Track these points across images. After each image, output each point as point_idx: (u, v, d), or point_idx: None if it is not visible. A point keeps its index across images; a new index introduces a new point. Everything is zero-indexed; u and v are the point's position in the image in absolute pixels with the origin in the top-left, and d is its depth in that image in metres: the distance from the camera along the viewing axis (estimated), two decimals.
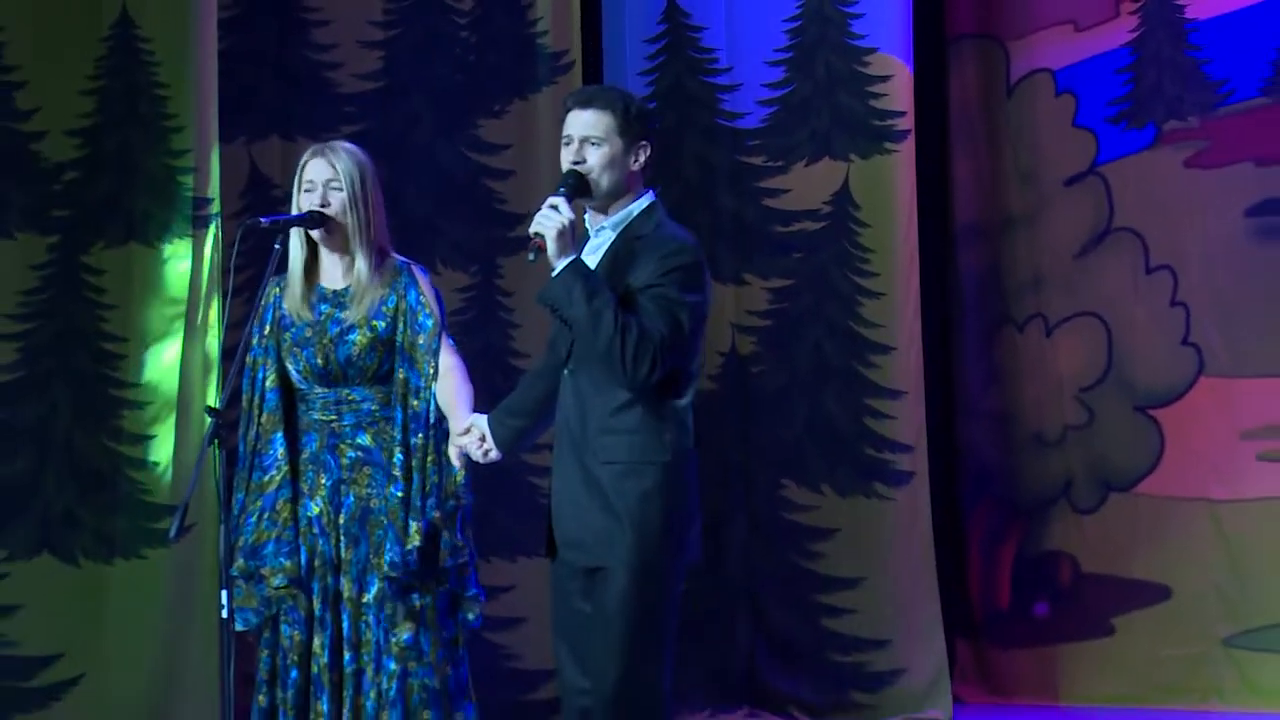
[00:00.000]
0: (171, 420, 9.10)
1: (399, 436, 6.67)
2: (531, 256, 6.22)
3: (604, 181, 6.30)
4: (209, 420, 6.62)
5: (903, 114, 11.06)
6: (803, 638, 10.98)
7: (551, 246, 6.16)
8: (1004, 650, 11.74)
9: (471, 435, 6.49)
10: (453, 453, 6.61)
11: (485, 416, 6.52)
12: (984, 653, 11.77)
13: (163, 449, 9.15)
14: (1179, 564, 11.25)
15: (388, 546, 6.60)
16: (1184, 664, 11.17)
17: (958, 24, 11.94)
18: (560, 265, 6.16)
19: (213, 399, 8.82)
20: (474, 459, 6.56)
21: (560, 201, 6.18)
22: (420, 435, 6.65)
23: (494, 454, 6.50)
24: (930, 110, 11.56)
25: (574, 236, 6.22)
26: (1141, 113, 11.46)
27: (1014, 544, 11.79)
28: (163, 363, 9.18)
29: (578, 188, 6.25)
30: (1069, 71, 11.67)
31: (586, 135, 6.31)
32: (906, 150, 11.06)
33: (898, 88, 11.07)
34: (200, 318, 9.18)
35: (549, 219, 6.16)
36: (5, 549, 9.06)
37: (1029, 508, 11.73)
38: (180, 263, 9.20)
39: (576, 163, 6.29)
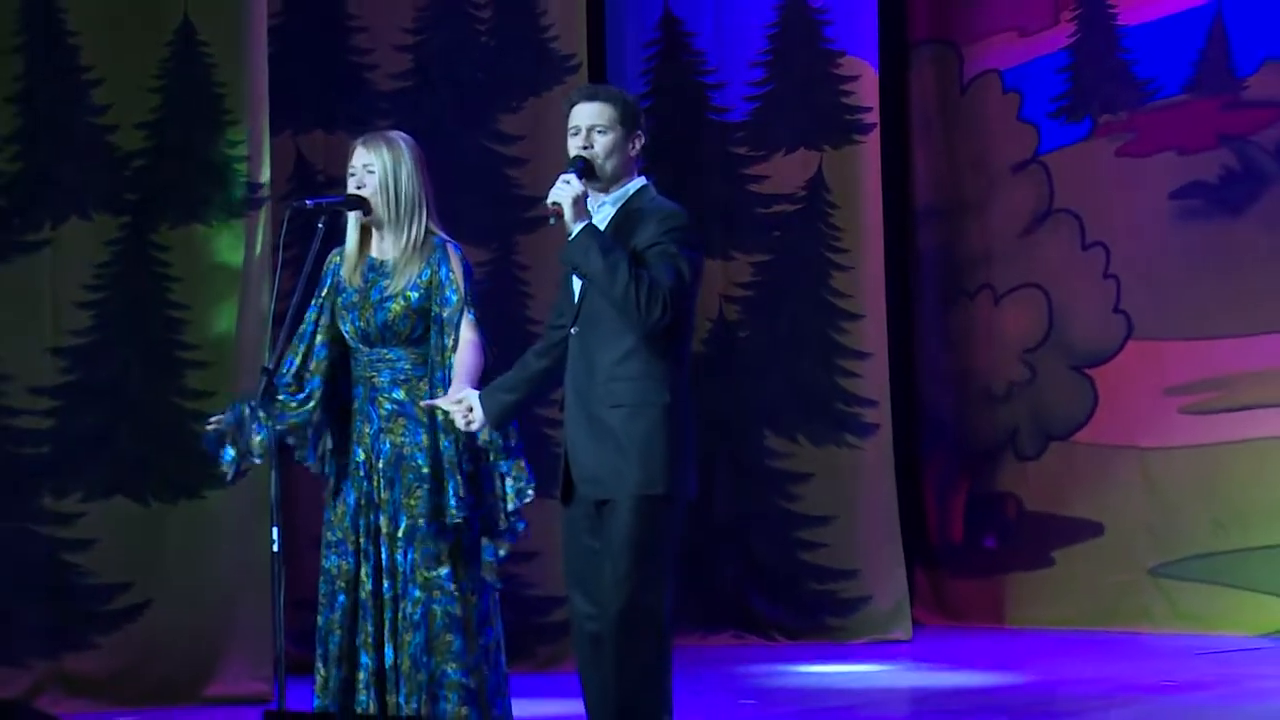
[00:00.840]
0: (228, 378, 9.08)
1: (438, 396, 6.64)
2: (552, 220, 6.23)
3: (609, 165, 6.29)
4: (262, 377, 6.63)
5: (869, 109, 11.08)
6: (782, 569, 11.00)
7: (568, 212, 6.17)
8: (958, 579, 11.77)
9: (460, 406, 6.45)
10: (424, 404, 6.57)
11: (477, 392, 6.47)
12: (940, 581, 11.79)
13: (221, 403, 9.13)
14: (1111, 504, 11.28)
15: (450, 491, 6.57)
16: (1116, 591, 11.19)
17: (917, 30, 11.95)
18: (576, 229, 6.16)
19: (265, 359, 8.79)
20: (459, 427, 6.50)
21: (572, 176, 6.19)
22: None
23: (475, 425, 6.45)
24: (893, 106, 11.58)
25: (585, 205, 6.21)
26: (1078, 108, 11.47)
27: (966, 486, 11.81)
28: (220, 328, 9.17)
29: (585, 170, 6.24)
30: (1015, 72, 11.67)
31: (593, 124, 6.30)
32: (872, 141, 11.09)
33: (864, 86, 11.09)
34: (253, 288, 9.16)
35: (564, 190, 6.17)
36: (83, 491, 9.05)
37: (979, 454, 11.75)
38: (235, 240, 9.18)
39: (585, 147, 6.28)
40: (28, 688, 8.82)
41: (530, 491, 6.62)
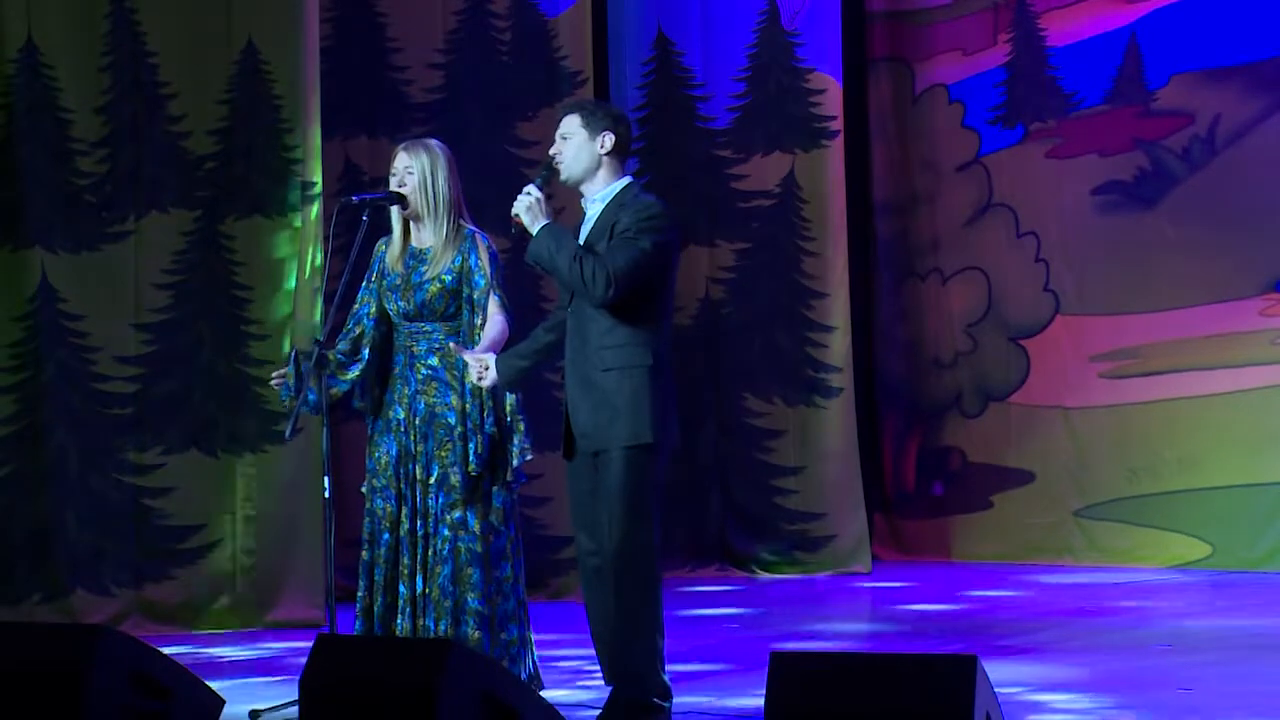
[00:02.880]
0: (286, 348, 9.09)
1: (462, 367, 6.66)
2: (514, 230, 6.28)
3: (577, 165, 6.35)
4: (314, 347, 6.65)
5: (834, 118, 11.06)
6: (759, 511, 11.01)
7: (525, 218, 6.24)
8: (910, 520, 11.78)
9: (478, 364, 6.48)
10: (453, 346, 6.59)
11: (495, 355, 6.50)
12: (895, 522, 11.80)
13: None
14: (1041, 455, 11.28)
15: (471, 448, 6.61)
16: (1044, 530, 11.20)
17: (875, 50, 11.92)
18: (537, 229, 6.20)
19: (317, 332, 8.81)
20: (473, 380, 6.52)
21: (532, 187, 6.25)
22: None
23: (486, 382, 6.47)
24: (855, 115, 11.55)
25: (544, 209, 6.24)
26: (1013, 116, 11.45)
27: (917, 441, 11.81)
28: (278, 306, 9.17)
29: (549, 177, 6.31)
30: (959, 85, 11.65)
31: (561, 133, 6.39)
32: (837, 145, 11.07)
33: (830, 98, 11.08)
34: (307, 272, 9.16)
35: (520, 202, 6.25)
36: (163, 445, 9.06)
37: (929, 413, 11.75)
38: (291, 231, 9.18)
39: (554, 153, 6.34)
40: (114, 614, 8.85)
41: (529, 454, 6.66)
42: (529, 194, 6.23)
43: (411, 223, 6.78)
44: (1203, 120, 10.79)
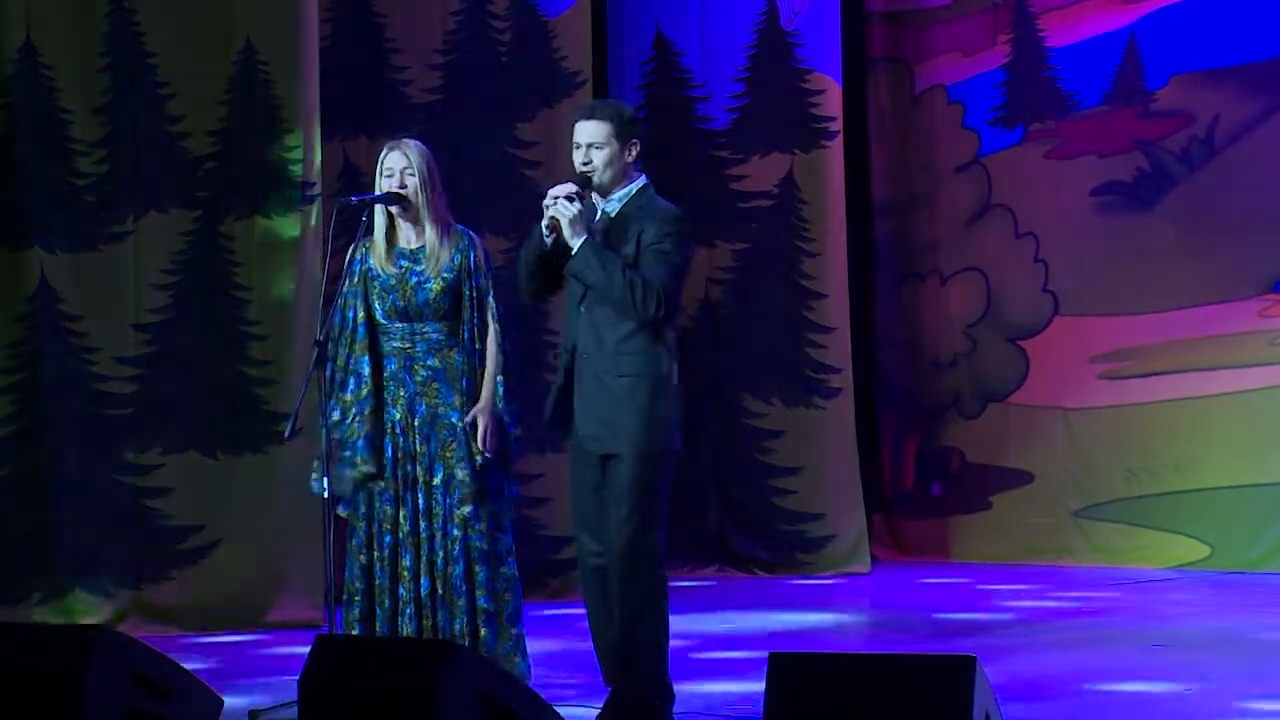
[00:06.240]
0: (284, 348, 9.09)
1: (462, 366, 6.68)
2: (547, 234, 6.23)
3: (607, 174, 6.30)
4: (314, 349, 6.65)
5: (834, 118, 11.07)
6: (759, 512, 11.00)
7: (566, 230, 6.18)
8: (909, 520, 11.78)
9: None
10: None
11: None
12: (894, 523, 11.80)
13: (278, 370, 9.15)
14: (1040, 456, 11.28)
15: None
16: (1043, 530, 11.20)
17: (875, 50, 11.93)
18: (578, 244, 6.17)
19: (316, 333, 8.79)
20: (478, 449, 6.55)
21: (574, 199, 6.19)
22: (479, 370, 6.68)
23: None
24: (854, 115, 11.55)
25: (584, 223, 6.21)
26: (1013, 117, 11.46)
27: (916, 441, 11.81)
28: (278, 306, 9.16)
29: (584, 184, 6.25)
30: (959, 86, 11.66)
31: (591, 141, 6.30)
32: (836, 146, 11.07)
33: (830, 98, 11.08)
34: (305, 272, 9.16)
35: (564, 210, 6.17)
36: (161, 446, 9.05)
37: (928, 414, 11.75)
38: (291, 231, 9.18)
39: (586, 163, 6.28)
40: (113, 614, 8.85)
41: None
42: (571, 203, 6.18)
43: (401, 222, 6.77)
44: (1202, 121, 10.80)
